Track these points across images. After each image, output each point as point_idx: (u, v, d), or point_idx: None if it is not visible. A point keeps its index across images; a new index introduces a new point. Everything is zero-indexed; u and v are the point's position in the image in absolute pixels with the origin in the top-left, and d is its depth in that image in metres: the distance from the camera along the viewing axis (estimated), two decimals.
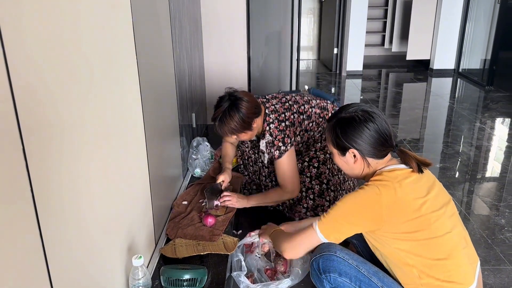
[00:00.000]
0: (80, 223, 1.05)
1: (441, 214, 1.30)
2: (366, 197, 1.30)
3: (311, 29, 7.74)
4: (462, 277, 1.29)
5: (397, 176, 1.31)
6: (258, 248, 1.94)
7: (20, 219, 0.80)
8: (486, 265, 1.94)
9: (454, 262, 1.28)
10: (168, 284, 1.36)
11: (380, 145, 1.34)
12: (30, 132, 0.82)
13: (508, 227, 2.25)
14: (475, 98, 5.03)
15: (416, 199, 1.29)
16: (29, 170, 0.81)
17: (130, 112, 1.45)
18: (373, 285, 1.32)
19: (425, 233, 1.27)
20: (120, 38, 1.36)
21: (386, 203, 1.27)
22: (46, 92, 0.89)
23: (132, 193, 1.47)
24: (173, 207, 2.07)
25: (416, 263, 1.29)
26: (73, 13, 1.01)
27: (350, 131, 1.35)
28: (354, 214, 1.31)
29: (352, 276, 1.34)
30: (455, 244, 1.30)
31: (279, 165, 2.04)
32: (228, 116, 1.89)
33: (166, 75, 2.03)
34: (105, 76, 1.21)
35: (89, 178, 1.10)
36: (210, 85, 3.46)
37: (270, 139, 2.02)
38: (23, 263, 0.81)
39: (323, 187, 2.12)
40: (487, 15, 5.47)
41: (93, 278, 1.14)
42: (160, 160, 1.87)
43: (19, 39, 0.79)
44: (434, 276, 1.27)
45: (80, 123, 1.05)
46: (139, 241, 1.55)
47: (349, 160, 1.39)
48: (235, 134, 1.96)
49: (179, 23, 2.32)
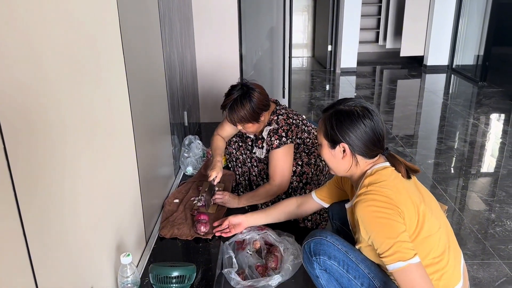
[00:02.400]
0: (65, 220, 1.05)
1: (430, 210, 1.30)
2: (381, 207, 1.23)
3: (306, 27, 7.74)
4: (451, 275, 1.28)
5: (391, 173, 1.31)
6: (250, 245, 1.94)
7: (4, 218, 0.80)
8: (476, 259, 1.96)
9: (445, 260, 1.28)
10: (157, 282, 1.37)
11: (373, 144, 1.32)
12: (15, 130, 0.82)
13: (498, 222, 2.27)
14: (469, 94, 5.04)
15: (410, 196, 1.27)
16: (10, 169, 0.81)
17: (117, 110, 1.45)
18: (360, 271, 1.33)
19: (425, 231, 1.26)
20: (106, 35, 1.36)
21: (392, 197, 1.24)
22: (33, 91, 0.89)
23: (121, 192, 1.48)
24: (165, 206, 2.07)
25: None
26: (57, 9, 1.01)
27: (346, 124, 1.32)
28: (389, 227, 1.22)
29: (340, 260, 1.35)
30: (445, 241, 1.30)
31: (274, 155, 2.04)
32: (239, 104, 1.92)
33: (156, 74, 2.03)
34: (91, 73, 1.21)
35: (76, 176, 1.10)
36: (202, 84, 3.46)
37: (275, 127, 2.03)
38: (4, 259, 0.81)
39: (299, 185, 2.12)
40: (480, 11, 5.49)
41: (80, 276, 1.14)
42: (150, 158, 1.87)
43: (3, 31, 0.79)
44: (433, 278, 1.26)
45: (67, 121, 1.05)
46: (129, 239, 1.55)
47: (337, 154, 1.36)
48: (243, 123, 1.98)
49: (169, 20, 2.32)
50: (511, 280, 1.82)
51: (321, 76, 6.22)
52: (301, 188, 2.10)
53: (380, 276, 1.34)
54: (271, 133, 2.03)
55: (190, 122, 2.93)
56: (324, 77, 6.16)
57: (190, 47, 3.11)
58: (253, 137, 2.21)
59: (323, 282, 1.40)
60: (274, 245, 1.93)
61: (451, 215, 2.34)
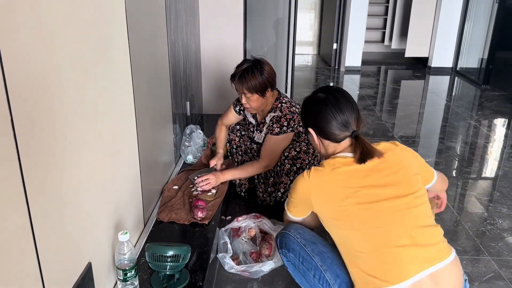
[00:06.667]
0: (66, 195, 1.10)
1: (372, 207, 1.28)
2: (298, 181, 1.42)
3: (312, 24, 7.76)
4: (386, 274, 1.24)
5: (335, 163, 1.35)
6: (245, 233, 1.99)
7: (8, 192, 0.85)
8: (465, 255, 2.00)
9: (376, 257, 1.26)
10: (152, 260, 1.41)
11: (336, 128, 1.38)
12: (21, 112, 0.87)
13: (491, 220, 2.30)
14: (471, 97, 5.06)
15: (344, 188, 1.31)
16: (18, 147, 0.86)
17: (121, 95, 1.50)
18: (313, 264, 1.42)
19: (345, 223, 1.31)
20: (112, 22, 1.41)
21: (314, 186, 1.36)
22: (39, 76, 0.94)
23: (120, 173, 1.53)
24: (164, 191, 2.12)
25: (342, 249, 1.37)
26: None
27: (309, 111, 1.45)
28: (293, 197, 1.46)
29: (297, 252, 1.46)
30: (383, 240, 1.26)
31: (270, 139, 2.13)
32: (250, 73, 2.02)
33: (159, 62, 2.07)
34: (95, 59, 1.26)
35: (77, 154, 1.15)
36: (206, 76, 3.50)
37: (279, 115, 2.12)
38: (8, 232, 0.86)
39: (293, 168, 2.17)
40: (486, 14, 5.49)
41: (79, 250, 1.20)
42: (151, 144, 1.92)
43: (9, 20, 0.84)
44: (358, 266, 1.30)
45: (70, 104, 1.10)
46: (128, 220, 1.61)
47: (310, 138, 1.49)
48: (250, 94, 2.05)
49: (175, 11, 2.36)
50: (499, 275, 1.86)
51: (325, 74, 6.25)
52: (295, 172, 2.15)
53: (333, 269, 1.40)
54: (274, 119, 2.12)
55: (193, 113, 2.98)
56: (328, 75, 6.19)
57: (195, 38, 3.16)
58: (254, 122, 2.27)
59: (290, 272, 1.54)
60: (269, 233, 1.98)
61: (445, 212, 2.37)
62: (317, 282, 1.41)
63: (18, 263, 0.90)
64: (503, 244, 2.09)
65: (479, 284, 1.82)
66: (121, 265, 1.36)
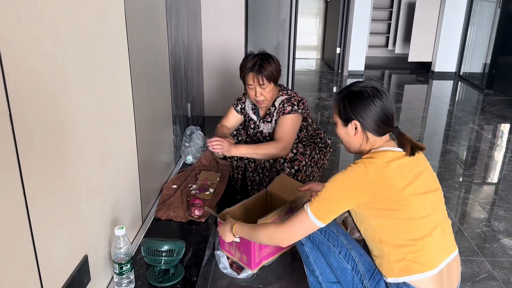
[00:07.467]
0: (65, 189, 1.14)
1: (423, 199, 1.38)
2: (354, 174, 1.38)
3: (317, 29, 7.80)
4: (426, 261, 1.36)
5: (387, 156, 1.40)
6: None
7: (6, 184, 0.89)
8: (460, 256, 2.01)
9: (422, 245, 1.36)
10: (148, 254, 1.45)
11: (382, 122, 1.42)
12: (19, 108, 0.91)
13: (487, 222, 2.32)
14: (474, 101, 5.07)
15: (400, 180, 1.37)
16: (16, 142, 0.91)
17: (119, 97, 1.54)
18: (339, 241, 1.49)
19: (401, 213, 1.36)
20: (111, 24, 1.45)
21: (372, 179, 1.35)
22: (39, 78, 0.99)
23: (119, 171, 1.57)
24: (163, 190, 2.16)
25: (388, 240, 1.39)
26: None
27: (357, 103, 1.44)
28: (344, 192, 1.39)
29: (323, 230, 1.50)
30: (428, 229, 1.37)
31: (284, 119, 2.17)
32: (266, 60, 2.11)
33: (159, 64, 2.12)
34: (95, 60, 1.30)
35: (76, 151, 1.19)
36: (208, 78, 3.55)
37: (288, 97, 2.21)
38: (5, 223, 0.90)
39: (291, 171, 2.20)
40: (489, 20, 5.50)
41: (76, 243, 1.24)
42: (149, 144, 1.96)
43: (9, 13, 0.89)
44: (401, 255, 1.36)
45: (70, 103, 1.14)
46: (125, 216, 1.65)
47: (350, 131, 1.47)
48: (269, 82, 2.12)
49: (176, 13, 2.42)
50: (491, 276, 1.88)
51: (328, 78, 6.29)
52: (293, 175, 2.18)
53: (357, 248, 1.48)
54: (284, 100, 2.20)
55: (194, 115, 3.03)
56: (332, 79, 6.22)
57: (197, 41, 3.21)
58: (256, 118, 2.31)
59: (307, 250, 1.55)
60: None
61: None
62: (342, 258, 1.47)
63: (15, 253, 0.94)
64: (498, 245, 2.10)
65: (471, 284, 1.83)
66: (117, 259, 1.40)
